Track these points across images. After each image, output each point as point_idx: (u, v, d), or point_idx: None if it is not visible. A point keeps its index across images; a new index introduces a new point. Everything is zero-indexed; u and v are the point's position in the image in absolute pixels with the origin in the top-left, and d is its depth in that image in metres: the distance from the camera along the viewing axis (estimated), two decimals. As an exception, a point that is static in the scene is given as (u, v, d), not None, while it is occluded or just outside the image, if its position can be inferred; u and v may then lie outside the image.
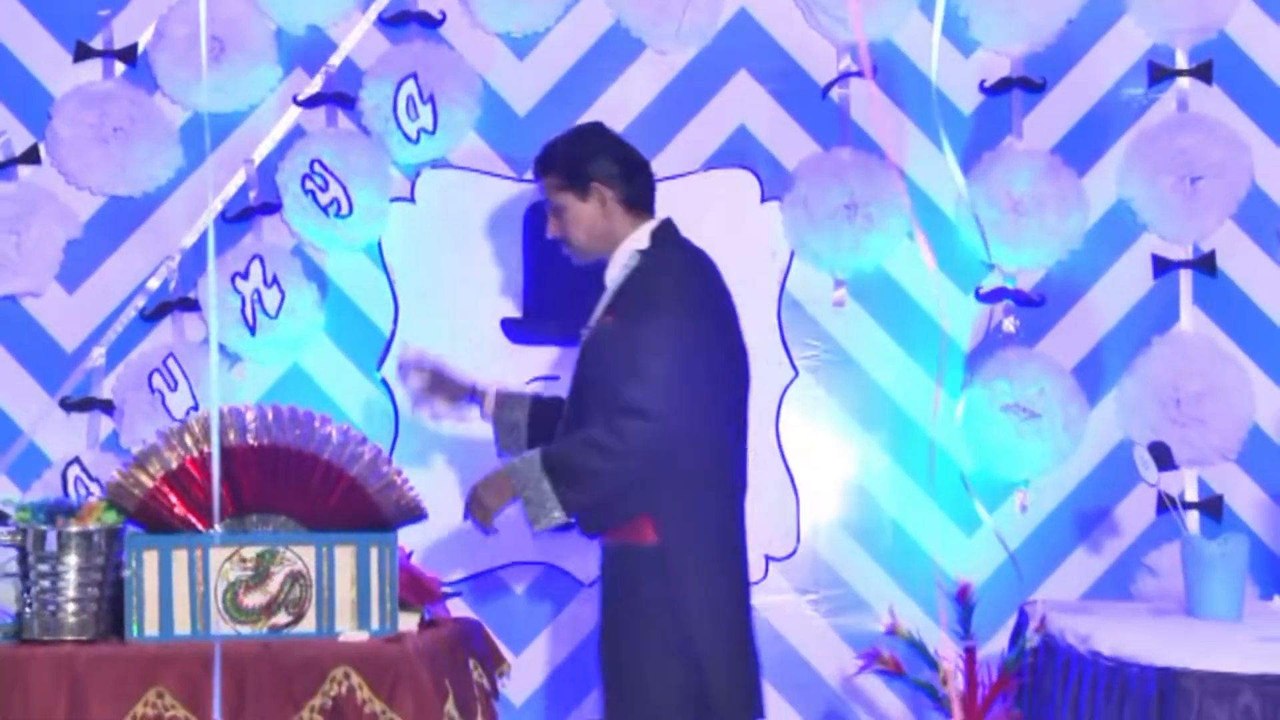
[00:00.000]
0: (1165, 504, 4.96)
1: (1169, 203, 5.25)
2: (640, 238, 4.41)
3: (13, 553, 4.17)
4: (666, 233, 4.44)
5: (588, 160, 4.43)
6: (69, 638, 4.07)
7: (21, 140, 5.42)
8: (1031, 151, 5.30)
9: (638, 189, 4.44)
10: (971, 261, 5.32)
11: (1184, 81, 5.35)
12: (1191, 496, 5.24)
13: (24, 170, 5.42)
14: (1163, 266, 5.31)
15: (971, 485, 5.07)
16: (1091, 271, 5.34)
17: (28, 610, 4.10)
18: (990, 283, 5.32)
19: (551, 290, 5.30)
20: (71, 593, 4.08)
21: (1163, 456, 4.68)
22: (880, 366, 5.33)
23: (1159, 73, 5.35)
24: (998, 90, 5.36)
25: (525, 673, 5.21)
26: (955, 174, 5.18)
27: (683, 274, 4.36)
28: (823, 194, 5.24)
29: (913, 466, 5.29)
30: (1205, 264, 5.30)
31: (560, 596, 5.31)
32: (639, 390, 4.17)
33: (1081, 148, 5.35)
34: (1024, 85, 5.36)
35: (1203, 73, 5.33)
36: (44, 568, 4.08)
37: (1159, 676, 3.78)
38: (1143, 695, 3.83)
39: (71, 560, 4.09)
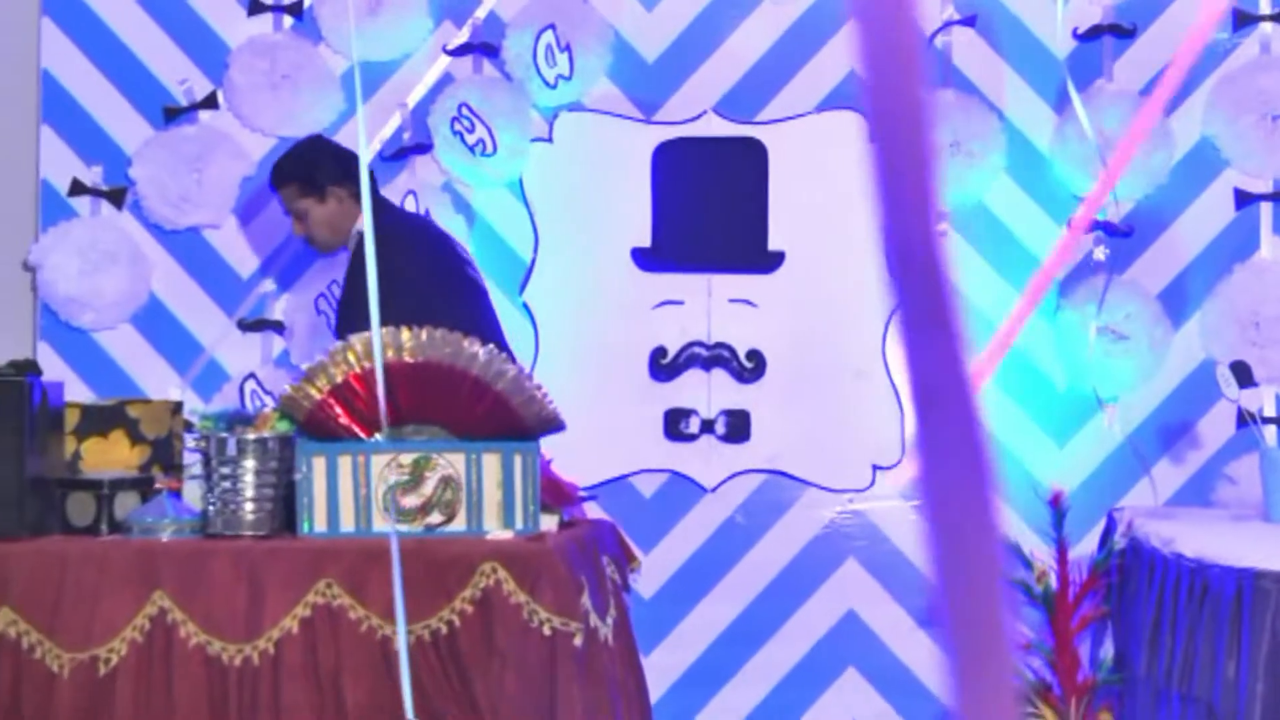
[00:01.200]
0: (1245, 418, 4.92)
1: (1250, 140, 5.16)
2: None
3: (197, 457, 4.23)
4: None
5: (317, 169, 4.72)
6: (247, 533, 4.12)
7: (202, 87, 5.47)
8: (1121, 92, 5.21)
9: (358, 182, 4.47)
10: (1064, 194, 5.25)
11: (1266, 26, 5.24)
12: (1270, 411, 5.15)
13: (204, 114, 5.47)
14: (1244, 199, 5.22)
15: (1064, 401, 5.03)
16: (1177, 204, 5.25)
17: (211, 508, 4.15)
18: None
19: (677, 222, 5.28)
20: (249, 493, 4.13)
21: (1243, 374, 4.63)
22: (978, 292, 5.27)
23: (1243, 18, 5.24)
24: (1089, 36, 5.27)
25: (654, 569, 5.23)
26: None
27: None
28: (927, 133, 5.18)
29: (1008, 383, 5.24)
30: (1284, 196, 5.21)
31: (685, 501, 5.32)
32: None
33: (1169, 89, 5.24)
34: (1114, 31, 5.26)
35: (1284, 18, 5.22)
36: (225, 471, 4.13)
37: (1238, 577, 3.73)
38: (1223, 594, 3.79)
39: (249, 464, 4.13)
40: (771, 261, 5.34)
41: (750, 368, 5.33)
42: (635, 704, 4.18)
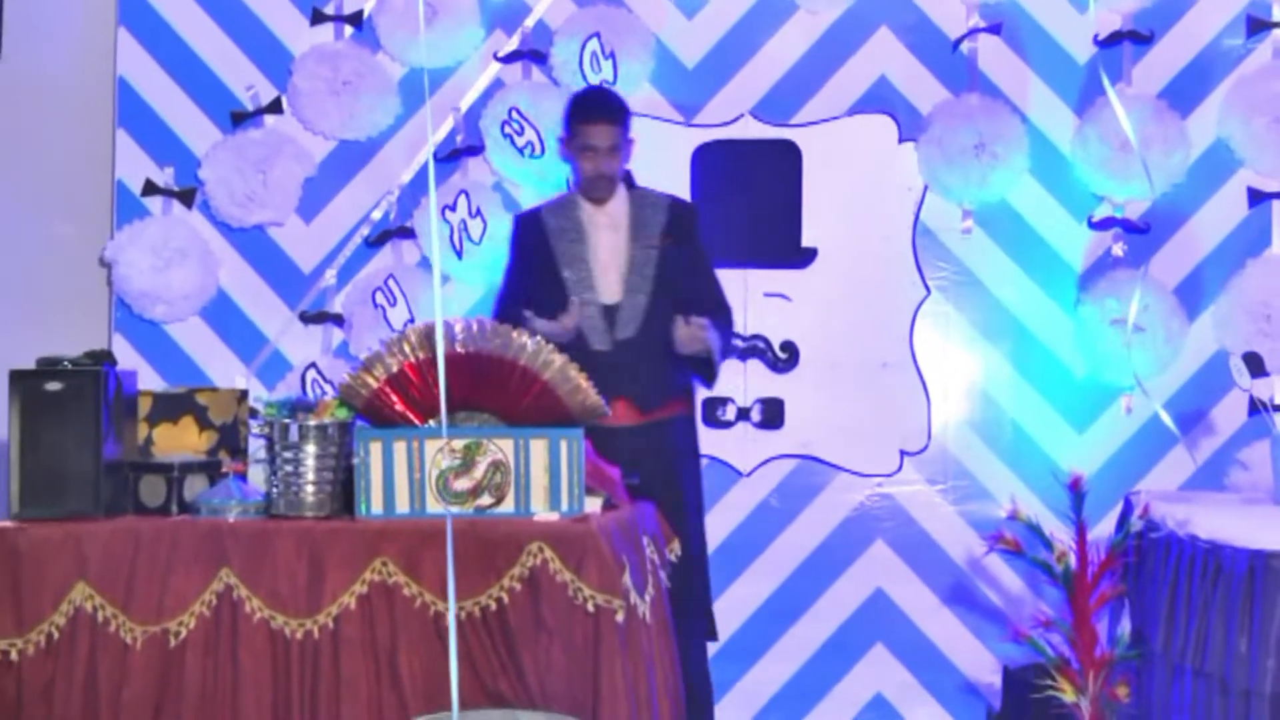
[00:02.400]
0: (1257, 406, 4.89)
1: (1263, 141, 5.11)
2: None
3: (262, 442, 4.24)
4: None
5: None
6: (309, 514, 4.13)
7: (267, 93, 5.48)
8: (1140, 96, 5.16)
9: None
10: (1084, 193, 5.22)
11: (1278, 33, 5.18)
12: (1280, 400, 5.12)
13: (269, 119, 5.48)
14: (1257, 198, 5.17)
15: (1084, 390, 5.01)
16: (1192, 202, 5.21)
17: (274, 491, 4.16)
18: (1101, 212, 5.22)
19: (715, 220, 5.26)
20: (310, 476, 4.14)
21: (1255, 365, 4.61)
22: (1002, 286, 5.24)
23: (1256, 25, 5.19)
24: (1110, 42, 5.23)
25: (692, 548, 5.22)
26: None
27: None
28: (954, 135, 5.16)
29: (1030, 373, 5.21)
30: (1296, 195, 5.16)
31: (722, 484, 5.31)
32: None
33: (1185, 92, 5.20)
34: (1133, 38, 5.22)
35: (1297, 24, 5.17)
36: (287, 455, 4.14)
37: (1250, 557, 3.70)
38: (1235, 574, 3.75)
39: (310, 449, 4.14)
40: (805, 257, 5.32)
41: (784, 358, 5.32)
42: (670, 677, 4.18)
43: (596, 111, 4.70)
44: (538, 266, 4.74)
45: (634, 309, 4.68)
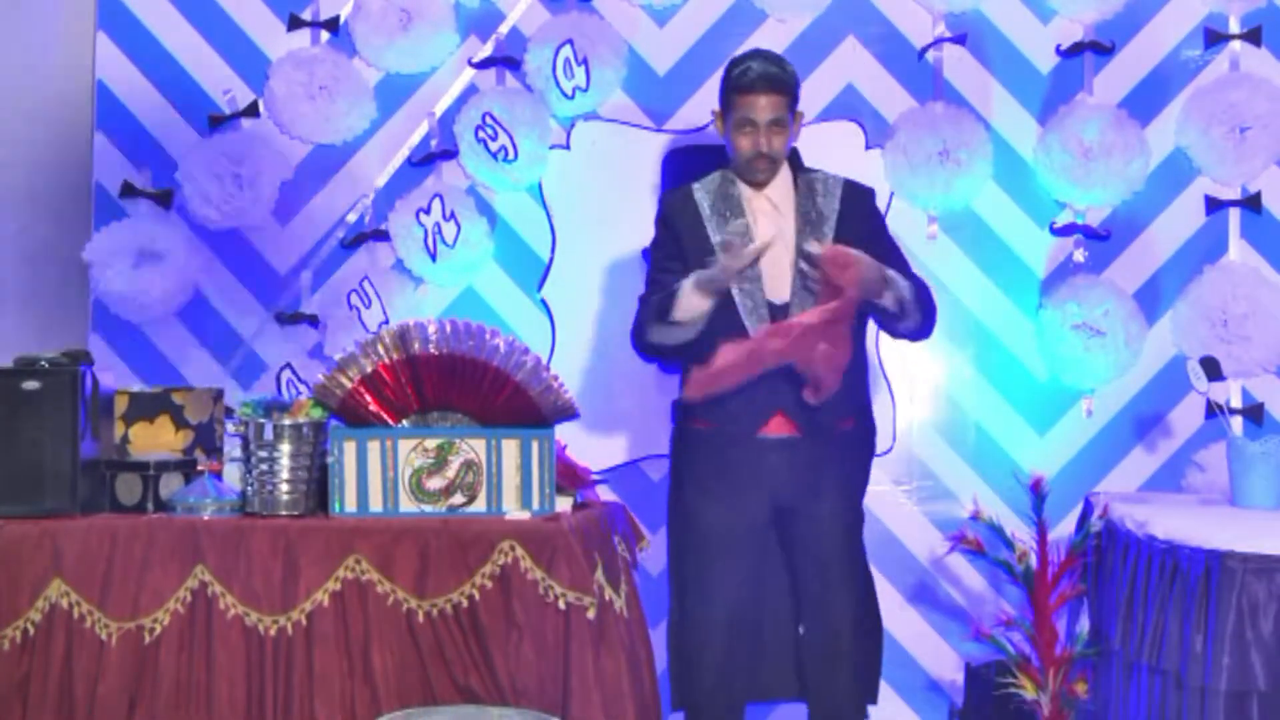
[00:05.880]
0: (1213, 409, 4.92)
1: (1220, 149, 5.13)
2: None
3: (237, 441, 4.23)
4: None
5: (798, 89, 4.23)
6: (283, 513, 4.13)
7: (244, 97, 5.46)
8: (1101, 105, 5.19)
9: None
10: (1046, 200, 5.23)
11: (1236, 44, 5.21)
12: (1236, 403, 5.13)
13: (246, 122, 5.46)
14: (1214, 205, 5.20)
15: (1046, 393, 5.03)
16: (1151, 209, 5.23)
17: (249, 489, 4.15)
18: (1063, 219, 5.23)
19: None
20: (285, 475, 4.14)
21: (1212, 369, 4.63)
22: (966, 290, 5.26)
23: (1214, 37, 5.22)
24: (1072, 53, 5.25)
25: (660, 550, 5.21)
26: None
27: None
28: (919, 142, 5.17)
29: (993, 376, 5.23)
30: (1252, 203, 5.18)
31: (691, 483, 5.31)
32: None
33: (1145, 102, 5.22)
34: (1095, 48, 5.24)
35: (1253, 37, 5.19)
36: (262, 454, 4.13)
37: (1206, 557, 3.72)
38: (1192, 574, 3.78)
39: (285, 448, 4.14)
40: (773, 261, 5.31)
41: (752, 360, 5.31)
42: (645, 672, 4.18)
43: (757, 79, 4.08)
44: (692, 250, 4.16)
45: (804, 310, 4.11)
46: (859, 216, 4.22)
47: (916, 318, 4.18)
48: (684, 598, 4.28)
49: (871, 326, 4.51)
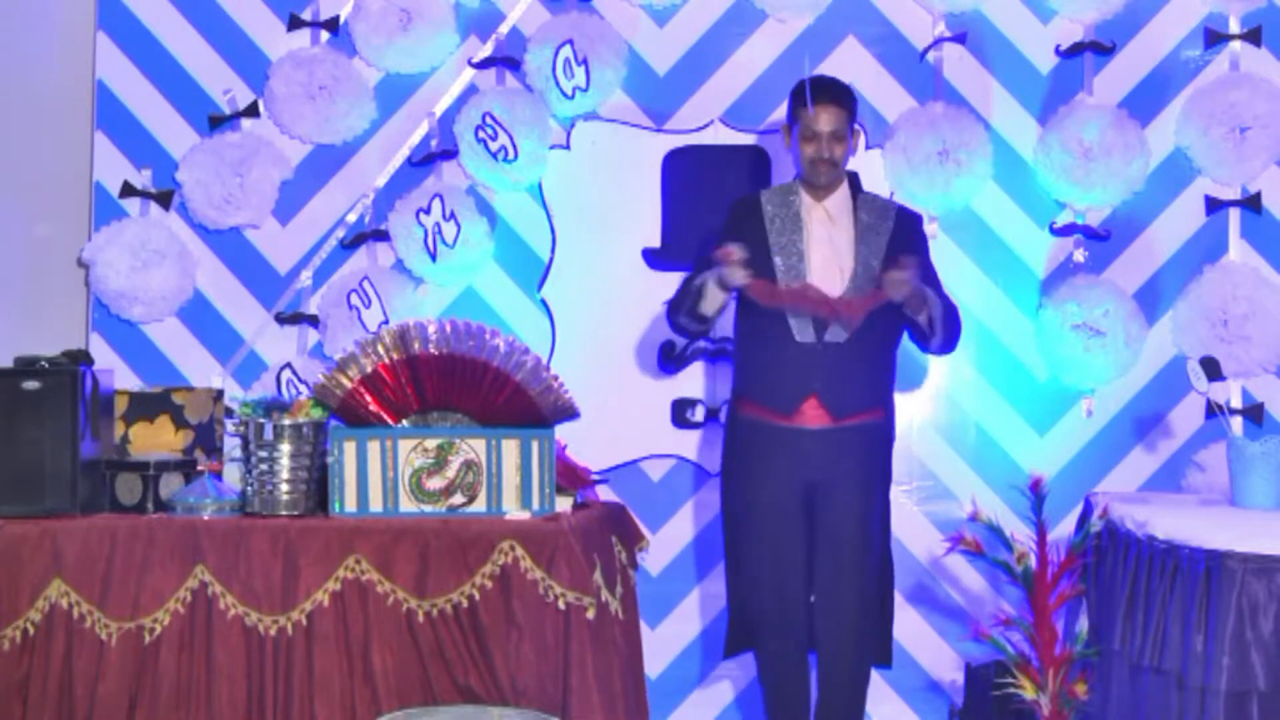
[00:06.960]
0: (1213, 410, 4.92)
1: (1220, 150, 5.13)
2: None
3: (237, 441, 4.23)
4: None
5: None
6: (283, 512, 4.12)
7: (244, 97, 5.46)
8: (1101, 105, 5.18)
9: None
10: (1046, 200, 5.23)
11: (1236, 45, 5.21)
12: (1236, 403, 5.13)
13: (246, 122, 5.46)
14: (1214, 205, 5.19)
15: (1045, 393, 5.03)
16: (1151, 209, 5.23)
17: (249, 489, 4.15)
18: (1063, 219, 5.23)
19: (685, 224, 5.26)
20: (285, 475, 4.13)
21: (1212, 369, 4.61)
22: (966, 289, 5.24)
23: (1214, 37, 5.21)
24: (1072, 53, 5.25)
25: (661, 549, 5.22)
26: None
27: None
28: (919, 142, 5.17)
29: (993, 376, 5.23)
30: (1251, 203, 5.18)
31: (690, 484, 5.31)
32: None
33: (1144, 102, 5.22)
34: (1095, 48, 5.24)
35: (1253, 37, 5.19)
36: (262, 454, 4.13)
37: (1206, 557, 3.71)
38: (1192, 573, 3.77)
39: (285, 448, 4.13)
40: (773, 261, 5.31)
41: (753, 360, 5.30)
42: (634, 671, 4.19)
43: (820, 94, 4.48)
44: (752, 249, 4.44)
45: None
46: (908, 235, 4.56)
47: (945, 336, 4.57)
48: (738, 555, 4.51)
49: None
